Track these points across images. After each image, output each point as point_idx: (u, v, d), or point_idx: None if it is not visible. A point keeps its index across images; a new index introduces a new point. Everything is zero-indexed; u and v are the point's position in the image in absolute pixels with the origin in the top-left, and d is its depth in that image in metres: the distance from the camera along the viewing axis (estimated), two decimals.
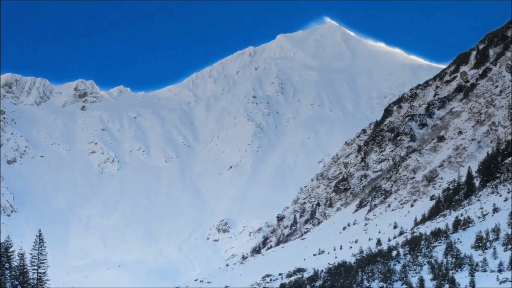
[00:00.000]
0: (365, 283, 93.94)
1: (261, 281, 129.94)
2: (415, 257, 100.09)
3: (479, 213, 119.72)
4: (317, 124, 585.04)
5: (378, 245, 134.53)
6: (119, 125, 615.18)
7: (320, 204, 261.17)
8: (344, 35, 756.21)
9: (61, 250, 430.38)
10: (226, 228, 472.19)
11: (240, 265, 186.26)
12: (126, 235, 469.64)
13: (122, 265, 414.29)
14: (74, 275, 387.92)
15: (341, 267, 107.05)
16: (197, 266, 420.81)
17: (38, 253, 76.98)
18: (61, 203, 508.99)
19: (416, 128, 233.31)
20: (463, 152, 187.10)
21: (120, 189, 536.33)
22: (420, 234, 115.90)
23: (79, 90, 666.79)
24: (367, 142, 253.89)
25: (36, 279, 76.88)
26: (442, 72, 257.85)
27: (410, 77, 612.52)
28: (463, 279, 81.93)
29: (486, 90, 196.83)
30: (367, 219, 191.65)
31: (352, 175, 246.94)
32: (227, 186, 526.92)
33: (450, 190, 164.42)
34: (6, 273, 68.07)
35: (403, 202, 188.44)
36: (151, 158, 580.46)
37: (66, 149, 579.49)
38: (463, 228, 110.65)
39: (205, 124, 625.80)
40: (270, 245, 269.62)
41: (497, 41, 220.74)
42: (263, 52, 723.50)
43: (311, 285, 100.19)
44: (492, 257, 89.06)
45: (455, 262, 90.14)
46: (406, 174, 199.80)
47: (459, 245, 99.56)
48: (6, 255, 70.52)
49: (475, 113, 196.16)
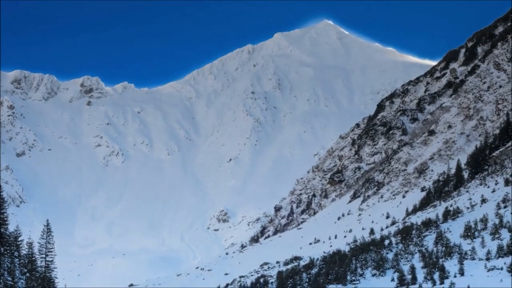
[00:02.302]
0: (358, 271, 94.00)
1: (259, 268, 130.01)
2: (407, 246, 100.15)
3: (468, 203, 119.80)
4: (313, 119, 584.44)
5: (371, 235, 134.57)
6: (123, 120, 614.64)
7: (316, 195, 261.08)
8: (339, 33, 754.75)
9: (67, 239, 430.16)
10: (226, 218, 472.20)
11: (239, 253, 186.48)
12: (130, 225, 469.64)
13: (126, 253, 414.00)
14: (80, 263, 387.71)
15: (336, 255, 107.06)
16: (198, 254, 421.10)
17: (46, 242, 76.82)
18: (68, 194, 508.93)
19: (408, 123, 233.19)
20: (452, 145, 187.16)
21: (124, 181, 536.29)
22: (412, 224, 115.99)
23: (85, 86, 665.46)
24: (361, 136, 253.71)
25: (44, 266, 76.79)
26: (433, 69, 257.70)
27: (401, 73, 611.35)
28: (453, 267, 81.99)
29: (474, 86, 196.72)
30: (361, 210, 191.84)
31: (346, 168, 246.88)
32: (226, 178, 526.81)
33: (440, 182, 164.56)
34: (15, 261, 68.04)
35: (395, 193, 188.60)
36: (154, 151, 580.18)
37: (72, 142, 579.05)
38: (453, 218, 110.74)
39: (205, 118, 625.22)
40: (268, 234, 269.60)
41: (485, 39, 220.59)
42: (261, 49, 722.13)
43: (307, 273, 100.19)
44: (480, 246, 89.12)
45: (445, 250, 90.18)
46: (398, 167, 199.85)
47: (448, 234, 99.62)
48: (15, 244, 70.47)
49: (464, 108, 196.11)
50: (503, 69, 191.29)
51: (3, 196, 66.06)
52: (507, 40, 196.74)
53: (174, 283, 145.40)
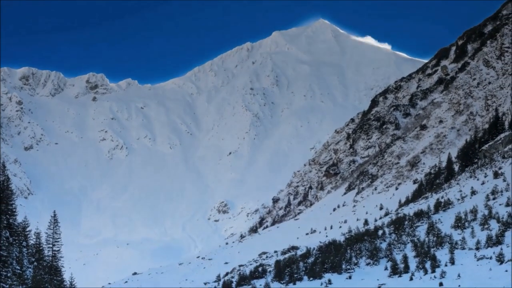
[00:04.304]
0: (353, 260, 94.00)
1: (257, 258, 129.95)
2: (399, 236, 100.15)
3: (458, 195, 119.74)
4: (309, 114, 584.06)
5: (365, 225, 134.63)
6: (127, 115, 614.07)
7: (312, 187, 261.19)
8: (334, 32, 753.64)
9: (74, 230, 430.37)
10: (226, 209, 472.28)
11: (238, 243, 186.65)
12: (133, 216, 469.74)
13: (130, 243, 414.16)
14: (85, 252, 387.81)
15: (331, 245, 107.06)
16: (199, 244, 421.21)
17: (52, 232, 76.75)
18: (74, 186, 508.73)
19: (401, 118, 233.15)
20: (443, 139, 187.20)
21: (128, 173, 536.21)
22: (404, 215, 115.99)
23: (90, 82, 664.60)
24: (355, 130, 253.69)
25: (51, 256, 76.74)
26: (424, 66, 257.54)
27: (395, 70, 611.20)
28: (444, 256, 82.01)
29: (464, 82, 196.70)
30: (355, 201, 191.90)
31: (341, 161, 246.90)
32: (226, 170, 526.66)
33: (432, 174, 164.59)
34: (23, 251, 68.01)
35: (389, 185, 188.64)
36: (157, 145, 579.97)
37: (78, 136, 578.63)
38: (444, 210, 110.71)
39: (206, 113, 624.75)
40: (266, 225, 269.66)
41: (475, 38, 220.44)
42: (260, 47, 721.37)
43: (303, 262, 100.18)
44: (470, 236, 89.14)
45: (436, 240, 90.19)
46: (391, 160, 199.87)
47: (439, 225, 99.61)
48: (23, 234, 70.41)
49: (454, 104, 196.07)
50: (492, 66, 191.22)
51: (11, 188, 65.99)
52: (496, 38, 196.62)
53: (176, 272, 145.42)
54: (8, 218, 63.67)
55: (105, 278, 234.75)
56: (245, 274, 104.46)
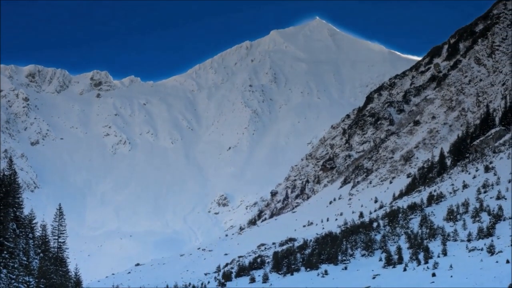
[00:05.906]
0: (349, 251, 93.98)
1: (256, 249, 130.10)
2: (394, 228, 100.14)
3: (450, 189, 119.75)
4: (306, 110, 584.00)
5: (360, 218, 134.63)
6: (130, 111, 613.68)
7: (309, 181, 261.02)
8: (331, 30, 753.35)
9: (78, 222, 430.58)
10: (226, 202, 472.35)
11: (238, 235, 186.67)
12: (136, 209, 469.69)
13: (133, 235, 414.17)
14: (90, 244, 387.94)
15: (328, 237, 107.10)
16: (199, 236, 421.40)
17: (58, 224, 76.55)
18: (79, 180, 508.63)
19: (395, 114, 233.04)
20: (436, 134, 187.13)
21: (131, 167, 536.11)
22: (398, 208, 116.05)
23: (94, 79, 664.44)
24: (351, 126, 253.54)
25: (57, 247, 76.57)
26: (418, 64, 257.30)
27: (389, 68, 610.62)
28: (436, 247, 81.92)
29: (456, 79, 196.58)
30: (351, 195, 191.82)
31: (337, 155, 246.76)
32: (226, 165, 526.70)
33: (425, 168, 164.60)
34: (30, 243, 67.91)
35: (383, 179, 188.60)
36: (159, 140, 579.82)
37: (83, 132, 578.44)
38: (436, 202, 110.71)
39: (206, 110, 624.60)
40: (265, 217, 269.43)
41: (466, 36, 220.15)
42: (259, 46, 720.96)
43: (301, 253, 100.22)
44: (462, 228, 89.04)
45: (429, 232, 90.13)
46: (385, 154, 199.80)
47: (432, 217, 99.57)
48: (30, 226, 70.23)
49: (447, 100, 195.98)
50: (483, 64, 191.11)
51: (18, 182, 65.82)
52: (487, 37, 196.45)
53: (177, 263, 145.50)
54: (15, 211, 63.53)
55: (109, 269, 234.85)
56: (244, 265, 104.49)
